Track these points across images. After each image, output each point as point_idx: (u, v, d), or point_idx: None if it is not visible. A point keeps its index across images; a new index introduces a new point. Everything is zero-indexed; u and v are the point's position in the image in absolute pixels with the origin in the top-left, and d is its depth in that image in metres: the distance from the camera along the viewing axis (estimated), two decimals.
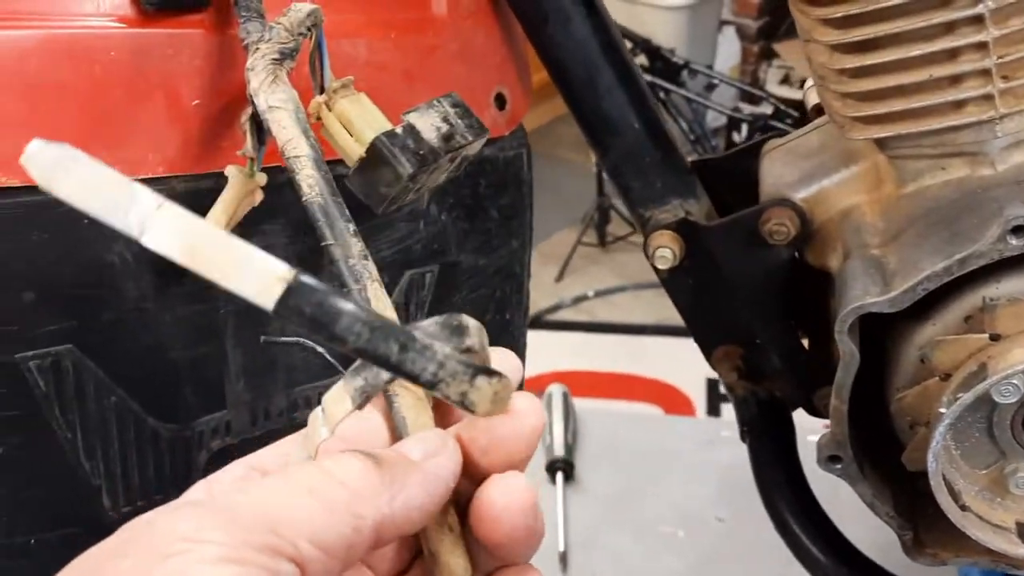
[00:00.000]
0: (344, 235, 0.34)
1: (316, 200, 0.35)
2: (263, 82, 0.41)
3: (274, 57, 0.42)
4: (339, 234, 0.34)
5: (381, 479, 0.27)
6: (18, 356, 0.48)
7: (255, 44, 0.44)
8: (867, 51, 0.49)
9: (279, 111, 0.39)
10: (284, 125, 0.38)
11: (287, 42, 0.43)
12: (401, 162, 0.43)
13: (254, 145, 0.46)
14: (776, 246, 0.58)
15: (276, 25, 0.43)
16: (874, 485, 0.53)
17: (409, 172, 0.42)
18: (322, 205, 0.35)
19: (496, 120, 0.64)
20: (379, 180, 0.43)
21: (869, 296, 0.48)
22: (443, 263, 0.64)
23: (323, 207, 0.35)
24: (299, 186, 0.36)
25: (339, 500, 0.26)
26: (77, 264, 0.48)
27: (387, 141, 0.43)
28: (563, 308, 2.51)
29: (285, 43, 0.43)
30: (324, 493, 0.26)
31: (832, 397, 0.50)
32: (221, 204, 0.47)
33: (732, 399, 0.68)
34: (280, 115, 0.39)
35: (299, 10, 0.44)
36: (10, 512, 0.50)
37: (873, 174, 0.56)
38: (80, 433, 0.51)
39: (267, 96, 0.40)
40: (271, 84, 0.41)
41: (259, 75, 0.41)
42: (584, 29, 0.60)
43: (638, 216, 0.64)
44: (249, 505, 0.26)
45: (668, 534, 1.06)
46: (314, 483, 0.27)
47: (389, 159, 0.42)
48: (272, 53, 0.42)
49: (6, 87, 0.44)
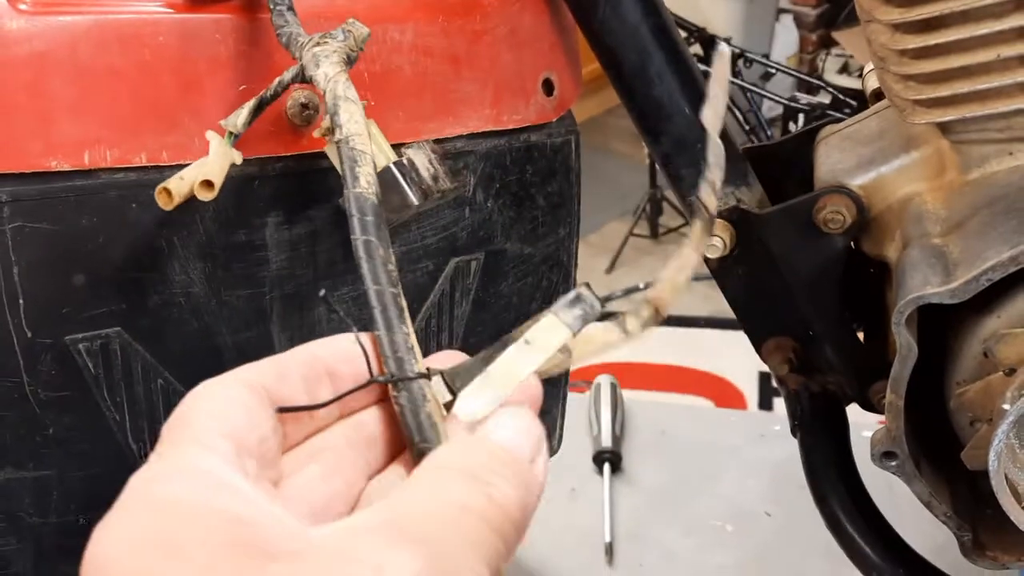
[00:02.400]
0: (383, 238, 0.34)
1: (370, 197, 0.35)
2: (339, 72, 0.41)
3: (343, 57, 0.42)
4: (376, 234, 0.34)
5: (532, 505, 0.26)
6: (68, 338, 0.48)
7: (317, 38, 0.44)
8: (931, 30, 0.47)
9: (353, 105, 0.39)
10: (356, 120, 0.38)
11: (354, 51, 0.43)
12: (409, 193, 0.44)
13: (244, 123, 0.46)
14: (831, 235, 0.56)
15: (346, 32, 0.43)
16: (931, 484, 0.51)
17: (415, 204, 0.44)
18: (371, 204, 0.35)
19: (544, 106, 0.63)
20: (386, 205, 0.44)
21: (929, 287, 0.46)
22: (489, 251, 0.63)
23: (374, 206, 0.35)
24: (355, 177, 0.36)
25: (509, 538, 0.25)
26: (126, 248, 0.49)
27: (398, 170, 0.44)
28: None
29: (352, 51, 0.43)
30: (497, 526, 0.24)
31: (888, 391, 0.48)
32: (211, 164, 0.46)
33: (783, 392, 0.66)
34: (353, 108, 0.39)
35: (360, 28, 0.44)
36: (60, 492, 0.51)
37: (935, 160, 0.54)
38: (127, 415, 0.52)
39: (345, 87, 0.40)
40: (347, 78, 0.41)
41: (334, 65, 0.41)
42: (635, 13, 0.58)
43: (689, 205, 0.63)
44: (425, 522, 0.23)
45: (717, 528, 1.04)
46: (492, 517, 0.24)
47: (400, 187, 0.43)
48: (342, 53, 0.43)
49: (58, 72, 0.45)
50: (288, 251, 0.54)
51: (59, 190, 0.46)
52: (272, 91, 0.46)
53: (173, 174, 0.49)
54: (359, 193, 0.35)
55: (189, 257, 0.51)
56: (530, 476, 0.27)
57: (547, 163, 0.64)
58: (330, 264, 0.56)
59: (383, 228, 0.34)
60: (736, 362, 2.15)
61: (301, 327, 0.56)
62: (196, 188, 0.44)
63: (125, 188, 0.48)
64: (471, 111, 0.59)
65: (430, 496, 0.24)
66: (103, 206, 0.47)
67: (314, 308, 0.57)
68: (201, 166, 0.44)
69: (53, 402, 0.49)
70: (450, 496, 0.24)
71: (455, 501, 0.24)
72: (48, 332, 0.48)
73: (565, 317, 0.31)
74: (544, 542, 1.00)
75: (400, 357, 0.30)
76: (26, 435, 0.49)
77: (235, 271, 0.53)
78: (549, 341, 0.31)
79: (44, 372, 0.48)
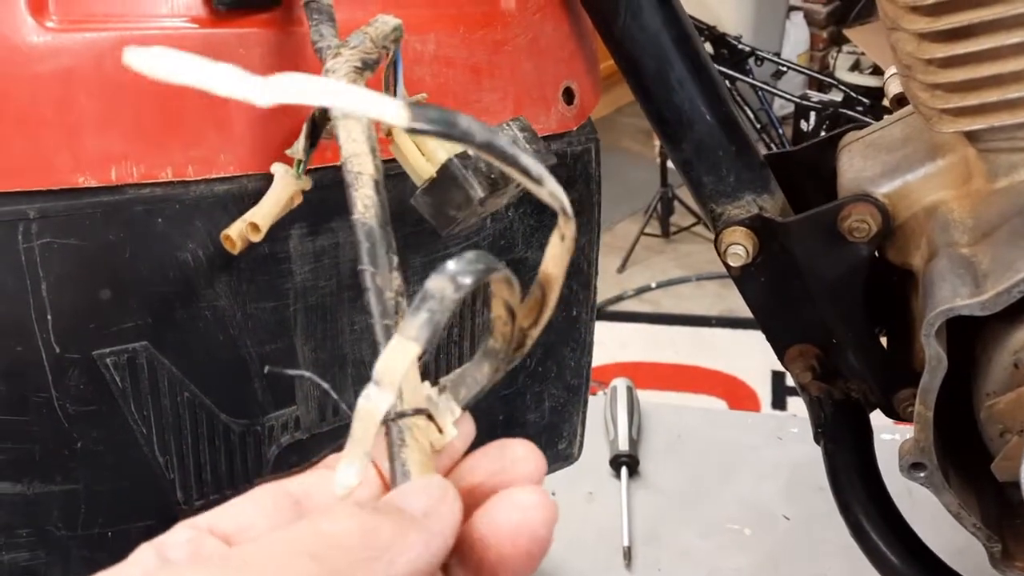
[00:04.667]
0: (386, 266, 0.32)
1: (368, 223, 0.33)
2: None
3: (356, 65, 0.41)
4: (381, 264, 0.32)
5: (379, 540, 0.25)
6: (96, 352, 0.49)
7: (335, 48, 0.43)
8: (959, 39, 0.47)
9: (353, 122, 0.37)
10: (354, 137, 0.36)
11: (371, 52, 0.42)
12: (473, 185, 0.42)
13: (306, 147, 0.46)
14: (856, 243, 0.56)
15: (363, 34, 0.42)
16: (960, 495, 0.51)
17: (480, 196, 0.42)
18: (371, 229, 0.33)
19: (564, 115, 0.63)
20: (449, 202, 0.43)
21: (959, 298, 0.45)
22: (510, 260, 0.63)
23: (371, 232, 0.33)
24: (353, 203, 0.34)
25: (340, 568, 0.24)
26: (152, 262, 0.49)
27: (461, 163, 0.42)
28: (626, 299, 2.49)
29: (369, 53, 0.42)
30: (325, 559, 0.24)
31: (917, 402, 0.48)
32: (268, 201, 0.46)
33: (805, 400, 0.66)
34: (353, 126, 0.37)
35: (385, 23, 0.43)
36: (88, 504, 0.51)
37: (961, 168, 0.53)
38: (154, 428, 0.52)
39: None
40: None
41: (341, 79, 0.41)
42: (655, 21, 0.58)
43: (710, 212, 0.63)
44: (249, 570, 0.24)
45: (734, 531, 1.04)
46: (314, 547, 0.24)
47: (462, 181, 0.42)
48: (355, 60, 0.42)
49: (84, 88, 0.45)
50: (311, 263, 0.54)
51: (86, 206, 0.46)
52: (318, 111, 0.46)
53: (198, 188, 0.49)
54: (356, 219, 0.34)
55: (214, 270, 0.51)
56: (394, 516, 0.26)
57: (567, 171, 0.64)
58: (352, 274, 0.57)
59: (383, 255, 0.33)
60: (748, 361, 2.15)
61: (324, 338, 0.57)
62: (245, 230, 0.44)
63: (151, 203, 0.48)
64: (492, 121, 0.59)
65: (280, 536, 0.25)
66: (130, 221, 0.48)
67: (337, 319, 0.57)
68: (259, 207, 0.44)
69: (81, 416, 0.49)
70: (287, 533, 0.25)
71: (289, 536, 0.25)
72: (76, 347, 0.48)
73: (407, 331, 0.26)
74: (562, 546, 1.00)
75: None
76: (55, 449, 0.49)
77: (259, 283, 0.53)
78: (396, 370, 0.26)
79: (72, 387, 0.48)
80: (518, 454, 0.30)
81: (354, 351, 0.58)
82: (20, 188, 0.45)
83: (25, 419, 0.48)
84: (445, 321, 0.26)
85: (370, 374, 0.26)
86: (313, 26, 0.45)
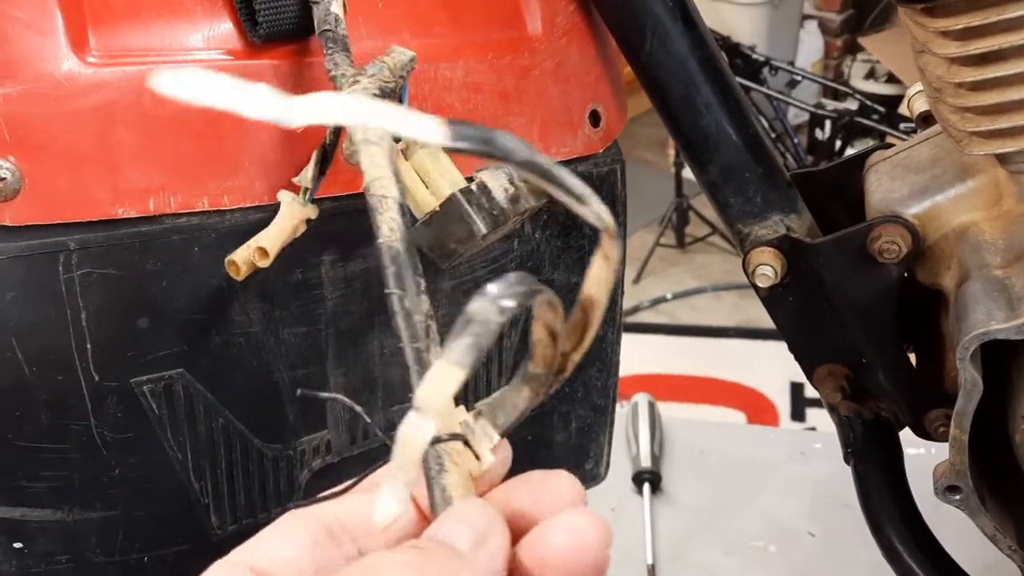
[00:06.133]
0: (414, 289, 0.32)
1: (394, 246, 0.33)
2: None
3: (375, 92, 0.42)
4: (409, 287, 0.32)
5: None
6: (133, 380, 0.49)
7: (352, 76, 0.44)
8: (989, 63, 0.47)
9: (375, 147, 0.37)
10: (377, 162, 0.37)
11: (388, 81, 0.42)
12: (476, 221, 0.42)
13: (315, 175, 0.46)
14: (886, 264, 0.56)
15: (381, 63, 0.43)
16: (995, 517, 0.51)
17: (483, 232, 0.42)
18: (398, 253, 0.33)
19: (590, 137, 0.63)
20: (451, 235, 0.43)
21: (994, 322, 0.45)
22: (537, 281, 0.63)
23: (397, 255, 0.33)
24: (378, 227, 0.34)
25: None
26: (188, 290, 0.49)
27: (464, 198, 0.43)
28: (641, 310, 2.49)
29: (387, 82, 0.42)
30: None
31: (952, 426, 0.48)
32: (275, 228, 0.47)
33: (835, 420, 0.66)
34: (375, 151, 0.37)
35: (402, 53, 0.44)
36: (126, 530, 0.52)
37: (991, 189, 0.53)
38: (190, 454, 0.52)
39: (364, 130, 0.39)
40: None
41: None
42: (683, 46, 0.58)
43: (737, 233, 0.63)
44: None
45: (759, 548, 1.03)
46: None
47: (466, 216, 0.42)
48: (373, 88, 0.42)
49: (124, 121, 0.46)
50: (343, 288, 0.55)
51: (125, 236, 0.47)
52: (328, 139, 0.46)
53: (233, 217, 0.50)
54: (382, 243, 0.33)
55: (249, 298, 0.52)
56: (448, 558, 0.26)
57: None
58: (383, 299, 0.57)
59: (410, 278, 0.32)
60: (766, 372, 2.14)
61: (356, 363, 0.57)
62: (253, 256, 0.44)
63: (188, 232, 0.49)
64: None
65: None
66: (167, 250, 0.48)
67: (368, 343, 0.57)
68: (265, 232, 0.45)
69: (119, 443, 0.50)
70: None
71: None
72: (114, 375, 0.48)
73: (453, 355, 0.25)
74: None
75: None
76: (94, 476, 0.49)
77: (292, 309, 0.53)
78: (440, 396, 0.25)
79: (110, 414, 0.49)
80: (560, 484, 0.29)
81: (384, 375, 0.58)
82: (61, 220, 0.46)
83: (65, 447, 0.48)
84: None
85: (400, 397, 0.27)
86: (328, 55, 0.45)
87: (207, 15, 0.48)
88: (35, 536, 0.49)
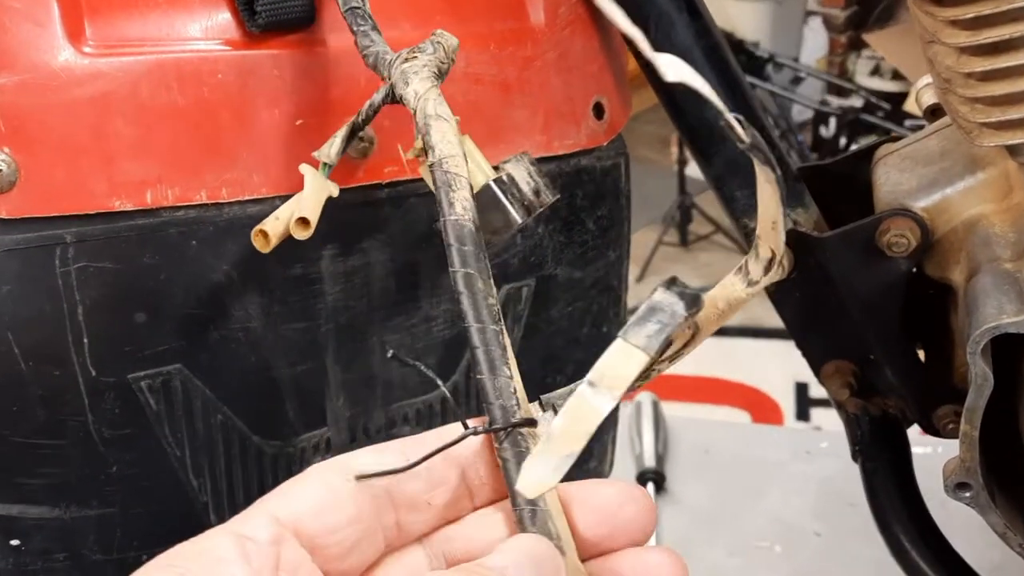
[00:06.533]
0: (486, 271, 0.32)
1: (467, 225, 0.33)
2: (430, 89, 0.39)
3: (435, 71, 0.41)
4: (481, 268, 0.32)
5: None
6: (131, 376, 0.49)
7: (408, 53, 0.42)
8: (1000, 53, 0.46)
9: (446, 124, 0.37)
10: (449, 139, 0.36)
11: (444, 62, 0.41)
12: (511, 210, 0.42)
13: (338, 152, 0.45)
14: (895, 258, 0.55)
15: (436, 44, 0.42)
16: (1006, 514, 0.50)
17: (519, 222, 0.41)
18: (470, 232, 0.32)
19: (594, 130, 0.62)
20: (486, 225, 0.42)
21: (1005, 315, 0.45)
22: (540, 276, 0.63)
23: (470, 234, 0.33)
24: (451, 204, 0.33)
25: None
26: (186, 285, 0.49)
27: (499, 187, 0.42)
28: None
29: (444, 63, 0.41)
30: None
31: (962, 422, 0.47)
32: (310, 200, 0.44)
33: (842, 417, 0.65)
34: (446, 128, 0.36)
35: (450, 38, 0.42)
36: (123, 528, 0.51)
37: (1002, 182, 0.53)
38: (188, 451, 0.52)
39: (436, 105, 0.38)
40: (439, 95, 0.38)
41: (424, 81, 0.39)
42: (687, 35, 0.58)
43: (743, 227, 0.62)
44: None
45: (764, 548, 1.03)
46: None
47: (503, 205, 0.41)
48: (433, 67, 0.41)
49: (121, 112, 0.45)
50: (343, 283, 0.54)
51: (122, 229, 0.46)
52: (364, 115, 0.44)
53: (231, 210, 0.49)
54: (455, 220, 0.33)
55: (247, 292, 0.51)
56: None
57: (596, 187, 0.64)
58: (383, 294, 0.56)
59: (483, 258, 0.32)
60: (771, 371, 2.13)
61: (355, 358, 0.56)
62: (292, 227, 0.43)
63: (185, 225, 0.48)
64: (522, 138, 0.59)
65: None
66: (164, 244, 0.48)
67: (367, 338, 0.57)
68: (297, 202, 0.43)
69: (116, 440, 0.49)
70: None
71: None
72: (111, 370, 0.48)
73: (635, 338, 0.25)
74: None
75: (504, 405, 0.28)
76: (91, 473, 0.49)
77: (291, 304, 0.53)
78: (620, 375, 0.25)
79: (108, 410, 0.48)
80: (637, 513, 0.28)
81: (384, 372, 0.58)
82: (57, 212, 0.45)
83: (62, 443, 0.47)
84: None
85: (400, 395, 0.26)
86: (360, 31, 0.44)
87: (204, 4, 0.47)
88: (31, 533, 0.49)
